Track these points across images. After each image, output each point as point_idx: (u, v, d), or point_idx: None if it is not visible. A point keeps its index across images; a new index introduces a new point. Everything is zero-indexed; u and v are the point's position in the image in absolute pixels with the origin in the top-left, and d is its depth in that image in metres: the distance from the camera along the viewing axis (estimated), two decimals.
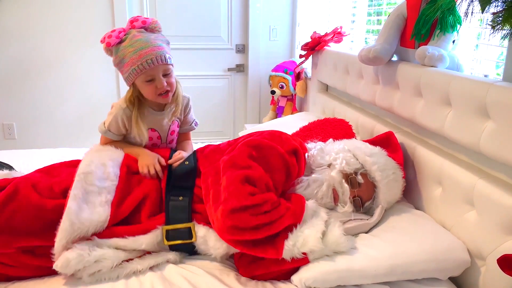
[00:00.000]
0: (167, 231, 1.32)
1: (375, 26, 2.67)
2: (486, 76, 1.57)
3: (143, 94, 1.54)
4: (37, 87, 3.32)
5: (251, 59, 3.52)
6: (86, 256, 1.19)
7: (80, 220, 1.24)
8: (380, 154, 1.46)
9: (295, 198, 1.33)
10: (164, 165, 1.50)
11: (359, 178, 1.40)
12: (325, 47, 2.59)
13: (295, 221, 1.24)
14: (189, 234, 1.33)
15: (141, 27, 1.48)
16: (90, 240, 1.26)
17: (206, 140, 3.14)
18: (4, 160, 2.03)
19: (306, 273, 1.19)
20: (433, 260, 1.22)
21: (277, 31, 3.51)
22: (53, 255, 1.22)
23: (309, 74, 2.96)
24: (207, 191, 1.34)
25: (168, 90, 1.52)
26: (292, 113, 3.11)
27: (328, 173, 1.42)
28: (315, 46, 2.65)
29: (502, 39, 1.10)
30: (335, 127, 1.87)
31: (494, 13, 1.08)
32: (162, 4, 3.34)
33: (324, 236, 1.24)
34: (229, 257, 1.36)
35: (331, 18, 3.09)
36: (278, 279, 1.27)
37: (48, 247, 1.23)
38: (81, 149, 1.88)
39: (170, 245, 1.34)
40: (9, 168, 1.77)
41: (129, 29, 1.48)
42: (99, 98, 3.41)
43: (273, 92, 3.20)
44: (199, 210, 1.37)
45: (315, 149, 1.53)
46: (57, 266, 1.19)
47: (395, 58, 1.78)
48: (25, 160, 2.08)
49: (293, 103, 3.25)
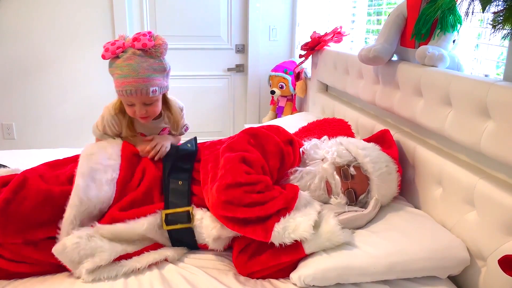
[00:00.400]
0: (166, 215, 1.35)
1: (375, 26, 2.67)
2: (486, 76, 1.57)
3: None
4: (37, 87, 3.32)
5: (251, 59, 3.52)
6: (82, 244, 1.23)
7: (88, 197, 1.31)
8: (373, 148, 1.48)
9: (289, 186, 1.36)
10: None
11: (352, 170, 1.41)
12: (325, 47, 2.59)
13: (287, 205, 1.26)
14: (188, 218, 1.36)
15: (140, 49, 1.43)
16: (92, 227, 1.29)
17: (205, 140, 3.13)
18: (3, 160, 2.03)
19: (305, 271, 1.20)
20: (432, 258, 1.21)
21: (277, 31, 3.51)
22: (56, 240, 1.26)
23: (309, 74, 2.96)
24: (206, 175, 1.39)
25: (147, 116, 1.52)
26: (291, 113, 3.11)
27: (320, 165, 1.44)
28: (315, 46, 2.64)
29: (502, 39, 1.10)
30: (334, 127, 1.87)
31: (494, 13, 1.08)
32: (161, 4, 3.34)
33: (318, 227, 1.25)
34: (225, 249, 1.38)
35: (331, 18, 3.09)
36: (276, 277, 1.27)
37: (52, 241, 1.26)
38: (81, 149, 1.87)
39: (170, 237, 1.36)
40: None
41: (128, 47, 1.43)
42: (99, 98, 3.39)
43: (272, 92, 3.20)
44: (196, 192, 1.42)
45: (309, 143, 1.56)
46: (55, 250, 1.24)
47: (395, 57, 1.77)
48: (25, 160, 2.08)
49: (293, 103, 3.25)
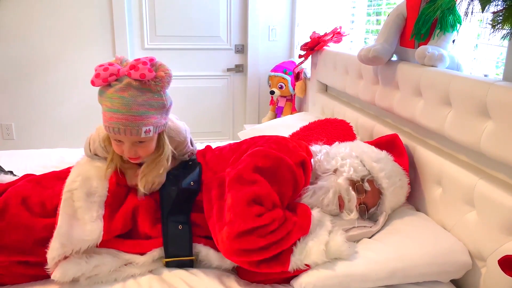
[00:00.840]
0: (167, 262, 1.28)
1: (374, 26, 2.67)
2: (486, 76, 1.57)
3: None
4: (36, 87, 3.31)
5: (250, 59, 3.52)
6: (83, 264, 1.19)
7: (71, 241, 1.20)
8: (386, 159, 1.43)
9: (301, 210, 1.29)
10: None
11: (366, 185, 1.37)
12: (325, 47, 2.59)
13: (303, 235, 1.22)
14: (191, 262, 1.29)
15: (137, 80, 1.21)
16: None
17: (205, 140, 3.13)
18: (2, 160, 2.02)
19: (306, 278, 1.17)
20: (434, 263, 1.21)
21: (276, 31, 3.50)
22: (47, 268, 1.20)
23: (309, 74, 2.96)
24: (209, 205, 1.29)
25: (137, 157, 1.31)
26: (291, 113, 3.11)
27: (334, 179, 1.38)
28: (314, 46, 2.64)
29: (502, 39, 1.09)
30: (336, 128, 1.86)
31: (494, 12, 1.07)
32: (161, 4, 3.33)
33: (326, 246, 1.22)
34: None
35: (331, 18, 3.08)
36: (278, 283, 1.26)
37: (42, 261, 1.21)
38: (80, 150, 1.86)
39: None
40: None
41: (124, 75, 1.22)
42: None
43: (272, 92, 3.19)
44: (198, 221, 1.33)
45: (321, 153, 1.49)
46: (55, 276, 1.17)
47: (394, 58, 1.77)
48: (24, 160, 2.07)
49: (292, 103, 3.25)
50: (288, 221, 1.21)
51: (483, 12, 1.09)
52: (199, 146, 1.68)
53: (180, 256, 1.28)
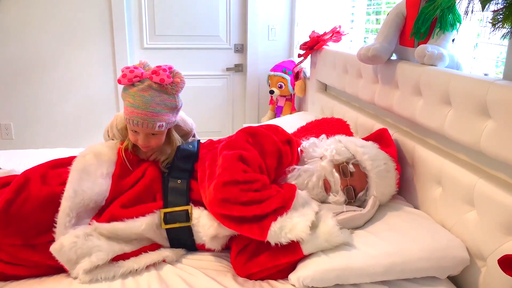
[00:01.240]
0: (165, 214, 1.35)
1: (374, 25, 2.67)
2: (486, 75, 1.56)
3: None
4: (35, 87, 3.31)
5: (250, 58, 3.51)
6: (79, 244, 1.24)
7: (82, 188, 1.33)
8: (371, 146, 1.49)
9: (287, 185, 1.36)
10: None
11: (350, 167, 1.41)
12: (324, 47, 2.58)
13: (284, 204, 1.25)
14: (186, 217, 1.36)
15: (157, 83, 1.42)
16: (89, 224, 1.30)
17: (204, 140, 3.13)
18: (1, 160, 2.02)
19: (303, 272, 1.19)
20: (431, 258, 1.21)
21: (276, 30, 3.50)
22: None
23: (308, 73, 2.96)
24: (203, 172, 1.40)
25: (149, 146, 1.51)
26: (291, 113, 3.11)
27: (319, 163, 1.44)
28: (314, 45, 2.64)
29: (502, 38, 1.09)
30: (333, 127, 1.87)
31: (494, 11, 1.07)
32: (160, 3, 3.33)
33: (316, 228, 1.24)
34: (223, 250, 1.37)
35: (330, 17, 3.08)
36: (275, 279, 1.27)
37: (50, 244, 1.25)
38: (79, 149, 1.87)
39: (168, 236, 1.36)
40: None
41: (146, 77, 1.43)
42: (97, 98, 3.40)
43: (271, 92, 3.19)
44: (194, 187, 1.43)
45: (307, 142, 1.56)
46: (53, 248, 1.24)
47: (394, 57, 1.77)
48: (23, 160, 2.07)
49: (292, 103, 3.24)
50: (272, 188, 1.29)
51: (483, 10, 1.09)
52: None
53: (177, 205, 1.37)
